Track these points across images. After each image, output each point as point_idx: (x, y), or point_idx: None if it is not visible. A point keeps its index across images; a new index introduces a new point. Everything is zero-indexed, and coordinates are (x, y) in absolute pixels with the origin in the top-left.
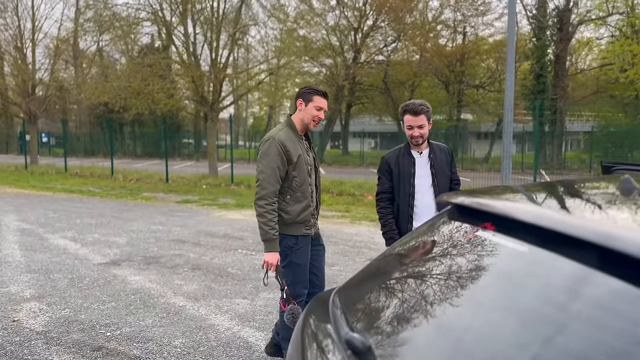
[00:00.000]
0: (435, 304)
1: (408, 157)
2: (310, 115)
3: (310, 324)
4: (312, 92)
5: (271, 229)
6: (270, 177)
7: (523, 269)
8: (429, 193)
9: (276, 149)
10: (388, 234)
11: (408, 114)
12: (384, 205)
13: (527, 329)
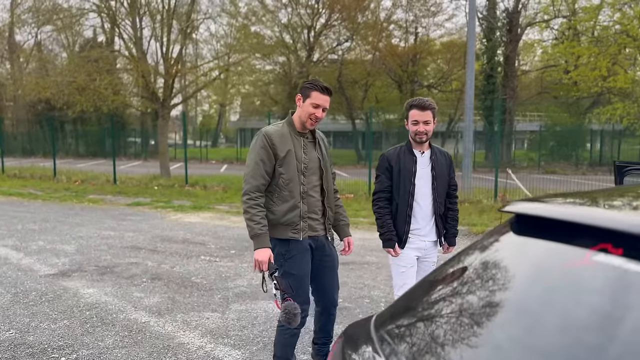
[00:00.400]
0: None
1: (410, 156)
2: (307, 113)
3: (348, 357)
4: (310, 87)
5: (256, 224)
6: (254, 171)
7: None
8: (428, 195)
9: (261, 142)
10: (387, 235)
11: (415, 109)
12: (382, 205)
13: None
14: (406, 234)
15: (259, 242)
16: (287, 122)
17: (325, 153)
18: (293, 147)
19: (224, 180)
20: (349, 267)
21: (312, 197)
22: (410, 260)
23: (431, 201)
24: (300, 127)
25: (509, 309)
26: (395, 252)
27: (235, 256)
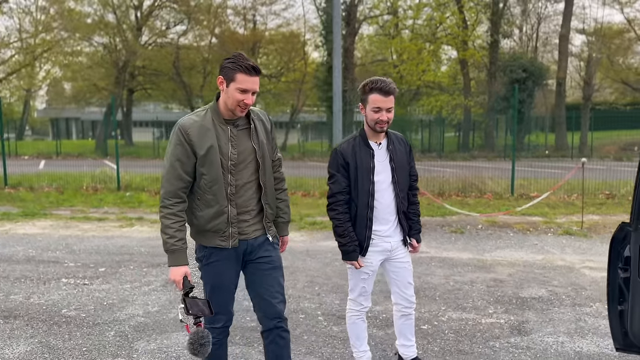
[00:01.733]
0: None
1: (366, 149)
2: (234, 100)
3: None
4: (233, 68)
5: (170, 238)
6: (169, 174)
7: None
8: (389, 191)
9: (177, 138)
10: (349, 246)
11: (377, 93)
12: (342, 210)
13: None
14: (368, 239)
15: (173, 259)
16: (212, 109)
17: (264, 139)
18: (216, 140)
19: (55, 179)
20: None
21: (243, 197)
22: (373, 267)
23: (393, 198)
24: (227, 114)
25: None
26: (359, 265)
27: (109, 275)
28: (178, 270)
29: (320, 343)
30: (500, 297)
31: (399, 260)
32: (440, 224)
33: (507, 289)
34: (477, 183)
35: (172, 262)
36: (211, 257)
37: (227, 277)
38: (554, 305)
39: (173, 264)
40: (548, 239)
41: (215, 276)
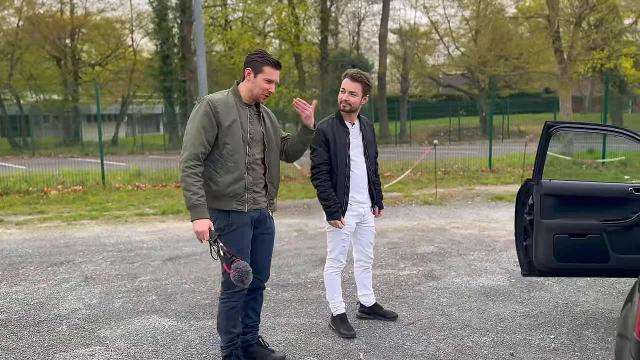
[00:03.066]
0: None
1: (342, 128)
2: (260, 89)
3: None
4: (262, 62)
5: (193, 194)
6: (194, 139)
7: None
8: (362, 164)
9: (205, 109)
10: (334, 208)
11: (347, 78)
12: (325, 179)
13: None
14: (346, 203)
15: (197, 212)
16: (233, 92)
17: (270, 127)
18: (239, 117)
19: None
20: (173, 262)
21: (255, 170)
22: (351, 228)
23: (365, 170)
24: (247, 99)
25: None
26: (342, 224)
27: (11, 277)
28: (203, 222)
29: (281, 307)
30: (403, 255)
31: (367, 224)
32: None
33: (404, 248)
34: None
35: (196, 216)
36: (233, 225)
37: (247, 241)
38: (445, 257)
39: (197, 217)
40: (414, 208)
41: (238, 241)
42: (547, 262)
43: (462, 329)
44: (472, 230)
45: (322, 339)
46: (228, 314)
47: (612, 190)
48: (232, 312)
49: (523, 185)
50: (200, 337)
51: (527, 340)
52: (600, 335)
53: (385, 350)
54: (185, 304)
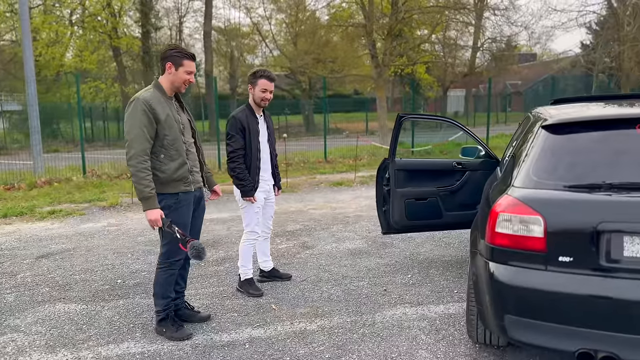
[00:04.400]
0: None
1: (253, 118)
2: (182, 80)
3: None
4: (181, 56)
5: (146, 187)
6: (139, 136)
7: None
8: (267, 149)
9: (141, 108)
10: (249, 186)
11: (265, 79)
12: (241, 162)
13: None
14: (257, 182)
15: (150, 203)
16: (157, 87)
17: (191, 115)
18: (170, 110)
19: None
20: (47, 259)
21: (192, 153)
22: (261, 202)
23: (269, 153)
24: (170, 91)
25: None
26: (255, 199)
27: None
28: (155, 211)
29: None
30: (276, 233)
31: (270, 200)
32: None
33: (276, 228)
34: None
35: (148, 207)
36: (180, 203)
37: (188, 218)
38: (312, 232)
39: (149, 207)
40: None
41: (183, 216)
42: (401, 221)
43: (343, 279)
44: (325, 210)
45: (235, 300)
46: (167, 280)
47: (443, 164)
48: (170, 278)
49: (381, 163)
50: (119, 314)
51: (392, 280)
52: (440, 272)
53: (290, 300)
54: (85, 291)
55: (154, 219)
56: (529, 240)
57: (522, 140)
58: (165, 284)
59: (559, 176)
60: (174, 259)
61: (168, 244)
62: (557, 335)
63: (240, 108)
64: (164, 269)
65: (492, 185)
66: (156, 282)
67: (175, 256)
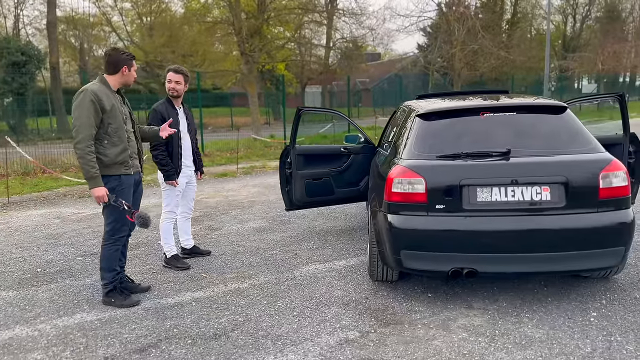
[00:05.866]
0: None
1: (173, 110)
2: (133, 78)
3: None
4: (130, 58)
5: (92, 168)
6: (86, 123)
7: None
8: (187, 138)
9: (90, 98)
10: (171, 171)
11: (171, 72)
12: (164, 149)
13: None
14: (179, 167)
15: (96, 182)
16: (102, 82)
17: (130, 108)
18: (115, 101)
19: None
20: None
21: (132, 141)
22: (182, 186)
23: (190, 142)
24: (116, 87)
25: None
26: (177, 183)
27: None
28: (101, 189)
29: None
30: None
31: (192, 184)
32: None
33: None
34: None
35: (95, 184)
36: (122, 185)
37: (131, 198)
38: (214, 216)
39: (95, 185)
40: (158, 190)
41: (125, 197)
42: (302, 199)
43: (257, 250)
44: (219, 198)
45: (166, 274)
46: (113, 255)
47: (333, 149)
48: (116, 253)
49: (284, 150)
50: (58, 294)
51: (299, 247)
52: (336, 238)
53: (217, 269)
54: (7, 281)
55: (100, 194)
56: (415, 196)
57: (402, 127)
58: (111, 258)
59: (431, 150)
60: (119, 235)
61: (113, 222)
62: (437, 260)
63: (160, 101)
64: (109, 244)
65: (382, 161)
66: (102, 257)
67: (120, 233)
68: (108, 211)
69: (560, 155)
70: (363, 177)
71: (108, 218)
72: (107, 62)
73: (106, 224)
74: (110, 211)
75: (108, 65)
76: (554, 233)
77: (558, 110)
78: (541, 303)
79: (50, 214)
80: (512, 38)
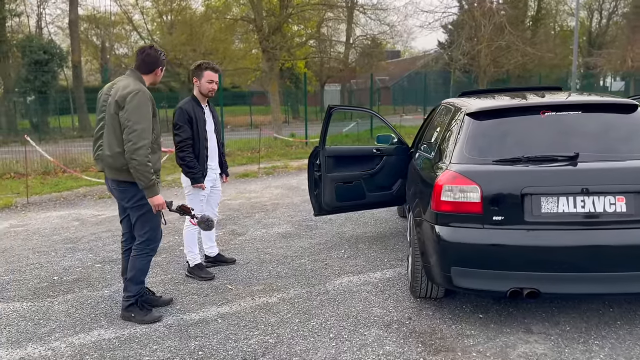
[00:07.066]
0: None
1: (200, 108)
2: (159, 79)
3: None
4: (165, 59)
5: (152, 175)
6: (148, 128)
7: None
8: (213, 138)
9: (149, 101)
10: (199, 174)
11: (210, 70)
12: (190, 151)
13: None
14: (205, 170)
15: (155, 190)
16: (142, 82)
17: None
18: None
19: None
20: None
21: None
22: (208, 191)
23: (216, 142)
24: (150, 84)
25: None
26: (204, 186)
27: None
28: (160, 197)
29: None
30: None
31: (217, 188)
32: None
33: None
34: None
35: (154, 193)
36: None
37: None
38: (237, 220)
39: (155, 193)
40: (182, 190)
41: None
42: (332, 203)
43: (284, 259)
44: (241, 200)
45: (189, 285)
46: (145, 266)
47: (365, 151)
48: (148, 265)
49: (313, 151)
50: (74, 307)
51: (329, 256)
52: (368, 246)
53: (243, 279)
54: (22, 290)
55: (161, 202)
56: (469, 205)
57: (447, 127)
58: (143, 269)
59: (486, 153)
60: (155, 245)
61: (149, 231)
62: (493, 279)
63: (186, 99)
64: (144, 255)
65: (424, 165)
66: (133, 267)
67: (155, 242)
68: (144, 219)
69: (636, 160)
70: (396, 181)
71: (144, 227)
72: (142, 61)
73: (141, 233)
74: (147, 219)
75: (144, 64)
76: (631, 250)
77: (629, 108)
78: (610, 327)
79: (69, 216)
80: (536, 34)
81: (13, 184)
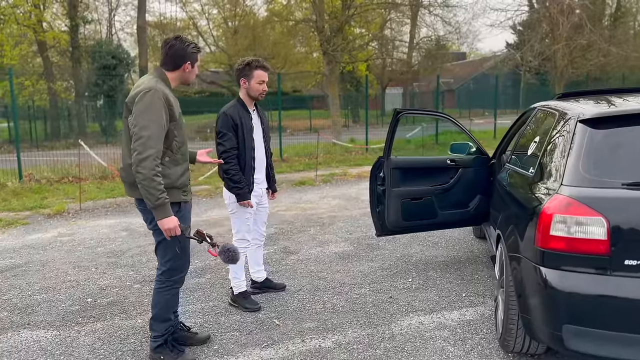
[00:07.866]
0: None
1: (246, 113)
2: (194, 75)
3: None
4: (197, 52)
5: (161, 193)
6: (156, 135)
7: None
8: (262, 147)
9: (161, 103)
10: (245, 189)
11: (260, 70)
12: (236, 162)
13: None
14: (252, 184)
15: (165, 211)
16: (164, 81)
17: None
18: (178, 107)
19: None
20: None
21: (187, 159)
22: (254, 208)
23: (264, 152)
24: (173, 86)
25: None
26: (251, 204)
27: None
28: (172, 219)
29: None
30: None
31: (263, 205)
32: None
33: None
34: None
35: (165, 214)
36: (180, 212)
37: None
38: (289, 235)
39: (165, 215)
40: None
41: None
42: (397, 222)
43: (341, 287)
44: (296, 211)
45: (231, 316)
46: (170, 301)
47: (437, 162)
48: (173, 299)
49: (376, 162)
50: (101, 339)
51: (394, 285)
52: (440, 274)
53: (293, 313)
54: (51, 313)
55: (172, 226)
56: (590, 243)
57: (549, 137)
58: (167, 306)
59: (613, 173)
60: (179, 276)
61: (171, 260)
62: (624, 344)
63: (231, 103)
64: (166, 288)
65: (517, 183)
66: (156, 303)
67: (179, 273)
68: (165, 244)
69: None
70: (474, 197)
71: (165, 255)
72: (166, 55)
73: (163, 261)
74: (168, 244)
75: (169, 59)
76: None
77: None
78: None
79: (118, 225)
80: (616, 33)
81: (70, 188)
